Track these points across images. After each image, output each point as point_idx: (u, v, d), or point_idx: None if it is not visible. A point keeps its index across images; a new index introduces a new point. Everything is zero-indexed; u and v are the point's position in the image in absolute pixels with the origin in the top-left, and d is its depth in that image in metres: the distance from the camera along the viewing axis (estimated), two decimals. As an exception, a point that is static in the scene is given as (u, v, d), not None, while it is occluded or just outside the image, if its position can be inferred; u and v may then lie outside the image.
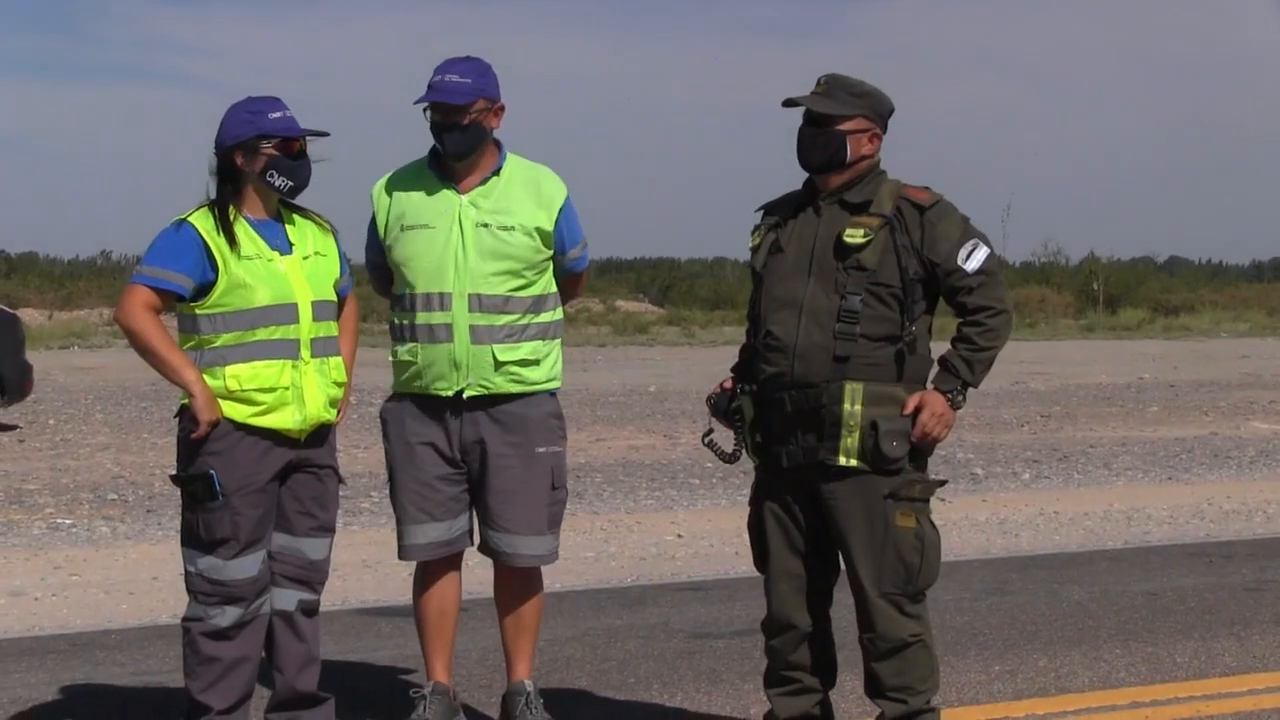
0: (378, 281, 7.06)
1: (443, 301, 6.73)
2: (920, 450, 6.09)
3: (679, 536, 12.83)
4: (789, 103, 6.19)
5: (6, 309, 23.32)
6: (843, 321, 6.04)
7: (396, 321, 6.85)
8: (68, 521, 13.66)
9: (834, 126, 6.15)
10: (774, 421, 6.18)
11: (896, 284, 6.05)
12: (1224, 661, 8.32)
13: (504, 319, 6.76)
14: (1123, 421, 22.26)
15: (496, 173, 6.83)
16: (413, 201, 6.81)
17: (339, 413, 6.50)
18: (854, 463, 6.04)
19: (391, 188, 6.88)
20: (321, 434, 6.45)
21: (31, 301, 59.36)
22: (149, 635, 9.14)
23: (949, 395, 6.06)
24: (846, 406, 6.03)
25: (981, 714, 6.97)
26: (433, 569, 6.90)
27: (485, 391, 6.75)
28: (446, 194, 6.80)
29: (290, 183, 6.36)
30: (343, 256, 6.62)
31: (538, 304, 6.86)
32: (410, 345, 6.77)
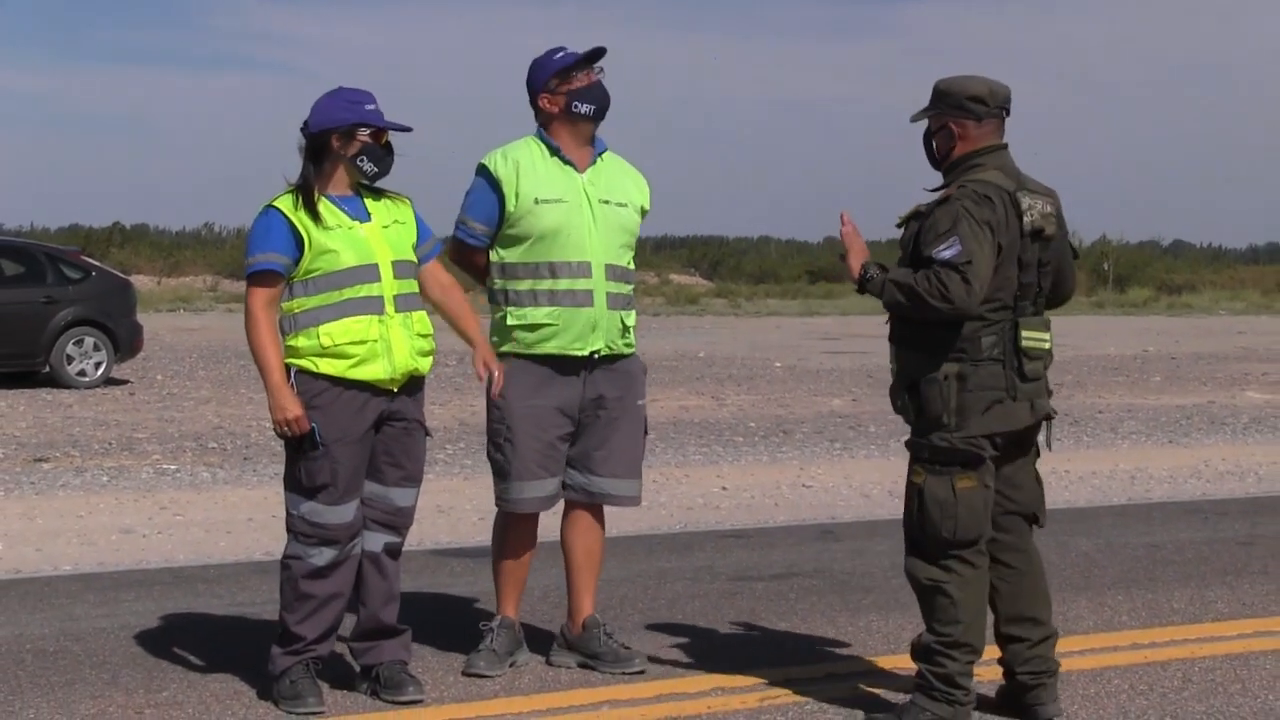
0: (469, 250, 6.88)
1: (586, 269, 6.72)
2: (928, 418, 6.01)
3: (724, 489, 12.84)
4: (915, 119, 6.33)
5: (120, 274, 23.50)
6: None
7: (530, 288, 6.73)
8: (173, 467, 13.76)
9: (927, 130, 6.26)
10: None
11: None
12: (1217, 608, 8.29)
13: (626, 288, 6.87)
14: (1128, 390, 22.18)
15: (599, 157, 6.89)
16: (540, 178, 6.75)
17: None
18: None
19: (514, 164, 6.77)
20: (412, 387, 6.47)
21: (142, 269, 59.74)
22: (245, 570, 9.20)
23: (867, 270, 6.09)
24: (892, 368, 6.20)
25: (996, 653, 6.96)
26: (524, 517, 6.88)
27: (611, 352, 6.80)
28: (569, 171, 6.79)
29: (376, 169, 6.40)
30: (421, 221, 6.61)
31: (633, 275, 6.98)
32: (550, 309, 6.70)
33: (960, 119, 6.16)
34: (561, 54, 6.81)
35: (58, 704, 6.41)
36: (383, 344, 6.33)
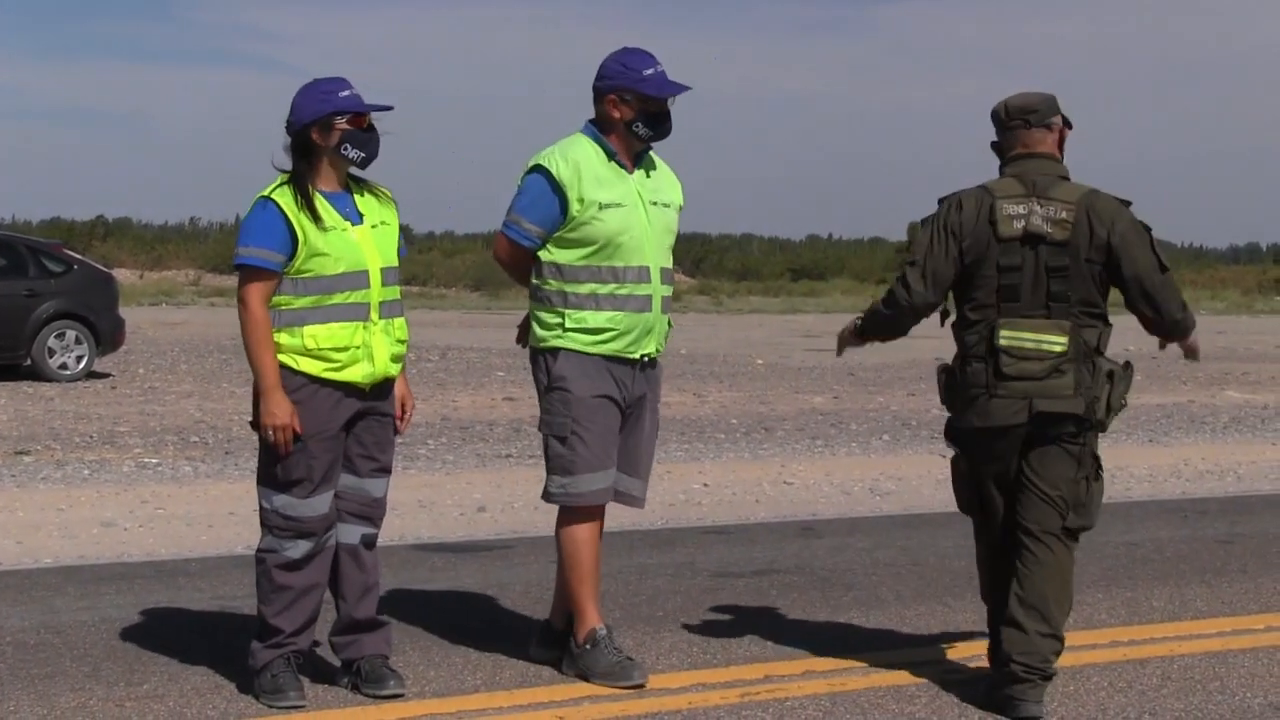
0: (522, 250, 6.71)
1: (646, 274, 6.64)
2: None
3: (705, 485, 12.84)
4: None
5: (102, 268, 23.45)
6: None
7: (591, 291, 6.60)
8: (154, 461, 13.74)
9: None
10: None
11: None
12: (1196, 606, 8.31)
13: (671, 290, 6.82)
14: (1109, 388, 22.18)
15: (644, 157, 6.80)
16: (601, 180, 6.62)
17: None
18: None
19: (574, 166, 6.61)
20: (385, 386, 6.46)
21: (125, 262, 59.70)
22: (226, 564, 9.19)
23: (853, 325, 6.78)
24: None
25: (978, 649, 6.97)
26: (594, 516, 6.73)
27: (658, 355, 6.78)
28: (623, 174, 6.68)
29: (362, 154, 6.34)
30: (400, 226, 6.60)
31: None
32: (612, 314, 6.58)
33: (994, 139, 6.54)
34: (651, 70, 6.64)
35: (38, 696, 6.39)
36: (364, 350, 6.31)
